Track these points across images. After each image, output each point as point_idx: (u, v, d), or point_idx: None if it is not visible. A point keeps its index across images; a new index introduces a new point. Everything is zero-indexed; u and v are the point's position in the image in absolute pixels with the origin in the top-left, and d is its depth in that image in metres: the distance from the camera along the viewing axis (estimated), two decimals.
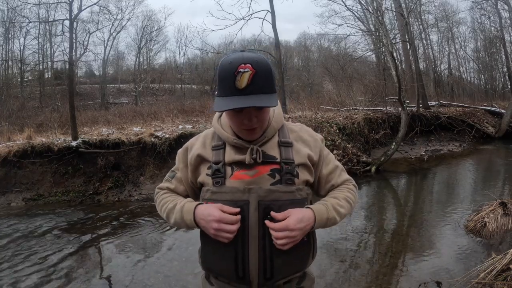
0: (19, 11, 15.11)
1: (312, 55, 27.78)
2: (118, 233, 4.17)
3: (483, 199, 4.40)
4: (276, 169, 1.02)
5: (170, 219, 1.08)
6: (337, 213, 1.04)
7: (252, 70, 0.90)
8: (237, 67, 0.90)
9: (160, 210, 1.13)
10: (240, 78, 0.90)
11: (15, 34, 20.22)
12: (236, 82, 0.90)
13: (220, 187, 1.02)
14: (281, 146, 1.05)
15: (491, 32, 18.60)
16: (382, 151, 7.87)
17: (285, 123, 1.13)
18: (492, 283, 2.50)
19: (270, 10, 9.69)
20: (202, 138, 1.13)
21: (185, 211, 1.03)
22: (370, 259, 3.28)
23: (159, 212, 1.15)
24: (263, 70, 0.92)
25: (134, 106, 16.48)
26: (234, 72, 0.90)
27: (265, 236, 0.98)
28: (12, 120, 9.94)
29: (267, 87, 0.93)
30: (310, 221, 0.98)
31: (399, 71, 7.63)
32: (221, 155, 1.05)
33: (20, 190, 5.64)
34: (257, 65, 0.91)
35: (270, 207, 0.98)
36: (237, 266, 1.00)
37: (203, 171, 1.07)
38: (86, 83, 24.56)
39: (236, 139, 1.03)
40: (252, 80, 0.90)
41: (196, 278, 2.93)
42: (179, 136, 6.45)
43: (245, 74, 0.90)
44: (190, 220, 1.01)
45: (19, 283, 2.98)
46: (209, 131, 1.15)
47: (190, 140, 1.17)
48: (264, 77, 0.92)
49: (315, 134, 1.15)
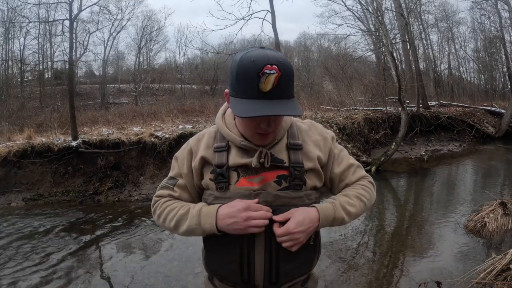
0: (19, 11, 15.09)
1: (312, 55, 27.76)
2: (118, 233, 4.17)
3: (483, 199, 4.40)
4: (283, 175, 0.98)
5: (181, 227, 0.98)
6: (346, 212, 0.99)
7: (278, 72, 0.84)
8: (263, 67, 0.83)
9: (165, 219, 1.01)
10: (266, 81, 0.84)
11: (15, 34, 20.21)
12: (260, 84, 0.84)
13: (223, 192, 0.98)
14: (290, 149, 1.00)
15: (491, 32, 18.60)
16: (382, 151, 7.87)
17: (294, 120, 1.08)
18: (492, 283, 2.50)
19: (270, 10, 9.69)
20: (205, 139, 1.05)
21: (203, 215, 0.95)
22: (370, 259, 3.28)
23: (161, 222, 1.03)
24: (288, 72, 0.86)
25: (134, 106, 16.45)
26: (259, 72, 0.83)
27: (271, 241, 0.96)
28: (12, 120, 9.93)
29: (289, 91, 0.89)
30: (313, 221, 0.95)
31: (399, 71, 7.63)
32: (224, 158, 0.98)
33: (20, 190, 5.63)
34: (282, 67, 0.85)
35: (278, 213, 0.95)
36: (243, 270, 0.97)
37: (206, 174, 1.01)
38: (86, 83, 24.54)
39: (244, 141, 0.98)
40: (277, 83, 0.84)
41: (196, 278, 2.93)
42: (179, 136, 6.45)
43: (271, 76, 0.83)
44: (210, 224, 0.93)
45: (19, 283, 2.98)
46: (211, 129, 1.08)
47: (190, 141, 1.08)
48: (288, 81, 0.87)
49: (325, 132, 1.09)
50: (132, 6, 23.88)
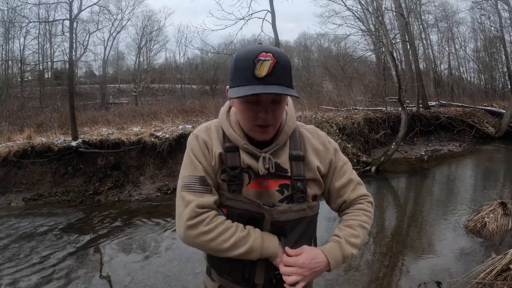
0: (19, 11, 15.08)
1: (312, 55, 27.76)
2: (118, 233, 4.17)
3: (483, 199, 4.40)
4: (285, 184, 0.98)
5: (240, 248, 0.92)
6: (353, 246, 0.99)
7: (273, 59, 0.86)
8: (258, 55, 0.86)
9: (216, 238, 0.92)
10: (260, 66, 0.85)
11: (15, 34, 20.20)
12: (255, 71, 0.86)
13: (236, 195, 0.96)
14: (292, 160, 0.99)
15: (491, 32, 18.59)
16: (382, 151, 7.87)
17: (298, 125, 1.07)
18: (492, 283, 2.50)
19: (270, 10, 9.69)
20: (215, 133, 1.01)
21: (266, 239, 0.95)
22: (370, 259, 3.28)
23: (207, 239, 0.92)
24: (283, 61, 0.88)
25: (134, 106, 16.43)
26: (254, 59, 0.85)
27: None
28: (12, 120, 9.93)
29: (287, 79, 0.89)
30: (321, 262, 0.94)
31: (399, 71, 7.63)
32: (237, 160, 0.97)
33: (20, 190, 5.63)
34: (278, 55, 0.87)
35: (284, 227, 0.97)
36: (244, 269, 0.99)
37: (218, 173, 0.99)
38: (86, 83, 24.53)
39: (247, 144, 0.97)
40: (272, 69, 0.86)
41: (196, 278, 2.93)
42: (179, 136, 6.44)
43: (266, 62, 0.85)
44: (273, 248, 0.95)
45: (19, 283, 2.98)
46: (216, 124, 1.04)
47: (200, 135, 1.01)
48: (285, 69, 0.88)
49: (328, 142, 1.07)
50: (132, 6, 23.90)
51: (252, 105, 0.91)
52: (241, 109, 0.94)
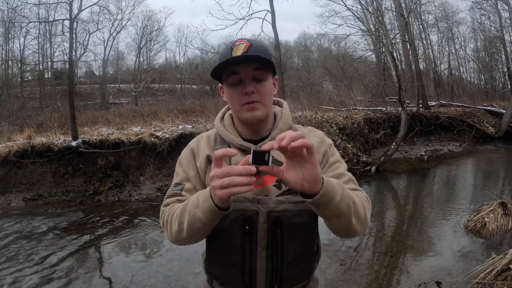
0: (19, 11, 15.08)
1: (312, 55, 27.77)
2: (118, 233, 4.17)
3: (483, 199, 4.40)
4: None
5: (184, 222, 0.87)
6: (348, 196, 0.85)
7: (248, 43, 0.94)
8: (234, 43, 0.95)
9: (171, 223, 0.91)
10: (236, 49, 0.93)
11: (15, 34, 20.23)
12: (232, 53, 0.93)
13: None
14: None
15: (491, 32, 18.62)
16: (382, 151, 7.87)
17: (294, 126, 1.06)
18: (492, 283, 2.50)
19: (270, 10, 9.70)
20: (205, 139, 1.05)
21: (201, 199, 0.83)
22: (370, 259, 3.28)
23: (168, 228, 0.93)
24: (259, 45, 0.96)
25: (134, 106, 16.44)
26: (231, 46, 0.94)
27: (274, 247, 0.95)
28: (12, 120, 9.93)
29: (264, 55, 0.94)
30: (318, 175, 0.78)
31: (399, 71, 7.63)
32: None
33: (20, 190, 5.63)
34: (253, 41, 0.95)
35: (281, 218, 0.94)
36: (244, 275, 0.97)
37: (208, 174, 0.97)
38: (86, 83, 24.55)
39: (241, 141, 0.99)
40: (248, 49, 0.93)
41: (196, 278, 2.93)
42: (179, 136, 6.45)
43: (241, 45, 0.93)
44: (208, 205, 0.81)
45: (19, 283, 2.98)
46: (210, 132, 1.08)
47: (191, 143, 1.07)
48: (260, 49, 0.94)
49: (325, 138, 1.08)
50: (132, 6, 23.94)
51: (235, 86, 0.96)
52: (228, 94, 0.99)
